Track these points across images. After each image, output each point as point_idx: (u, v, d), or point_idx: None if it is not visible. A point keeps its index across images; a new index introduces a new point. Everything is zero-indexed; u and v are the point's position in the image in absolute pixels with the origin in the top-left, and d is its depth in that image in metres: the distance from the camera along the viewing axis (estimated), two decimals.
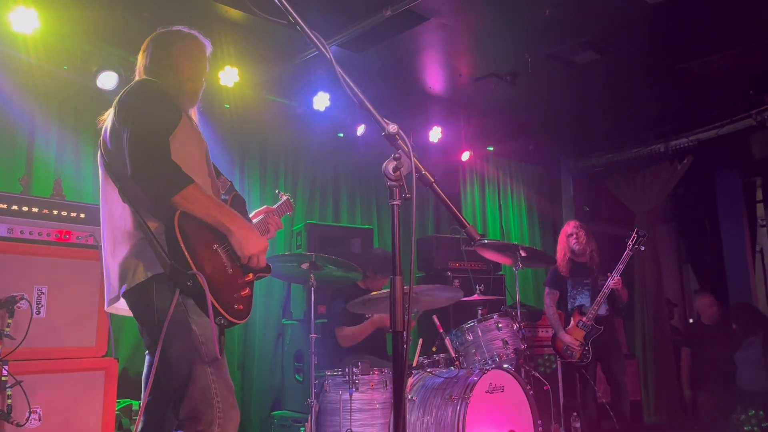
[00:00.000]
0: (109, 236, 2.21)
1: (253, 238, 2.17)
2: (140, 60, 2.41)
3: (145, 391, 2.19)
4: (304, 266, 3.90)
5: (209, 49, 2.47)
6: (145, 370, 2.30)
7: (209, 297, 2.01)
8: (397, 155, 1.68)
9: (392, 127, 1.68)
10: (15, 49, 4.23)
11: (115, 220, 2.18)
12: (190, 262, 2.02)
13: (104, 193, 2.26)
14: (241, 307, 2.15)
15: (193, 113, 2.46)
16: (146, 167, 2.03)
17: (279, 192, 2.98)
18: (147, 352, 2.31)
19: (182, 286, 2.03)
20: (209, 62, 2.47)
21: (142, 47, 2.42)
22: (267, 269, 2.31)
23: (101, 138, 2.28)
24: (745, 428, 5.34)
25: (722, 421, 6.20)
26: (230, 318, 2.08)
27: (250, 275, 2.24)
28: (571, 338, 4.92)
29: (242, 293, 2.18)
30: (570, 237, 5.12)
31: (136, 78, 2.37)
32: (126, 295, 2.14)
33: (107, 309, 2.28)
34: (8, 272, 3.19)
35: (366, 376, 3.75)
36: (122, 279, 2.12)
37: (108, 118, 2.27)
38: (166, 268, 2.05)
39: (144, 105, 2.15)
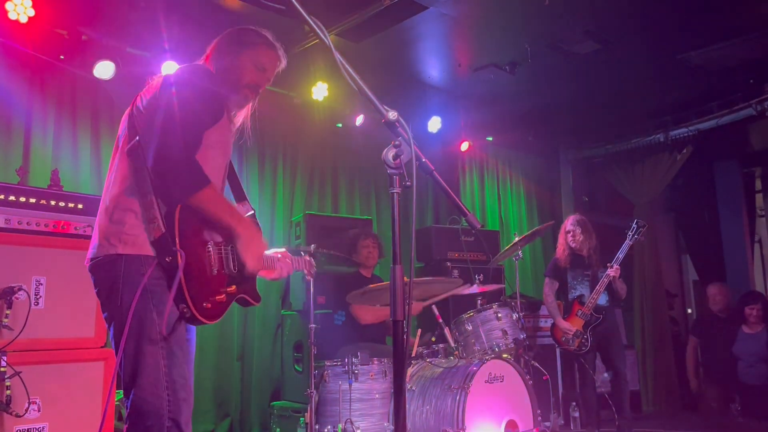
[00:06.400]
0: (112, 195, 2.10)
1: (256, 243, 2.15)
2: (212, 45, 2.32)
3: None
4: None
5: (282, 65, 2.38)
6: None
7: (180, 274, 1.94)
8: (397, 142, 1.66)
9: (392, 114, 1.66)
10: (11, 38, 4.20)
11: (119, 184, 2.09)
12: (177, 241, 1.98)
13: (117, 154, 2.16)
14: (210, 306, 2.08)
15: (240, 116, 2.41)
16: (168, 163, 1.95)
17: (305, 254, 2.89)
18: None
19: (162, 260, 1.98)
20: (277, 75, 2.40)
21: (220, 36, 2.32)
22: (256, 298, 2.28)
23: (139, 97, 2.16)
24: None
25: (720, 411, 6.22)
26: (194, 310, 2.00)
27: (234, 287, 2.19)
28: (568, 324, 4.93)
29: (217, 297, 2.11)
30: (567, 234, 5.15)
31: (200, 61, 2.30)
32: (94, 264, 2.06)
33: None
34: (6, 263, 3.18)
35: (365, 366, 3.76)
36: (101, 244, 2.05)
37: (155, 84, 2.15)
38: (155, 234, 1.98)
39: (191, 93, 2.06)
